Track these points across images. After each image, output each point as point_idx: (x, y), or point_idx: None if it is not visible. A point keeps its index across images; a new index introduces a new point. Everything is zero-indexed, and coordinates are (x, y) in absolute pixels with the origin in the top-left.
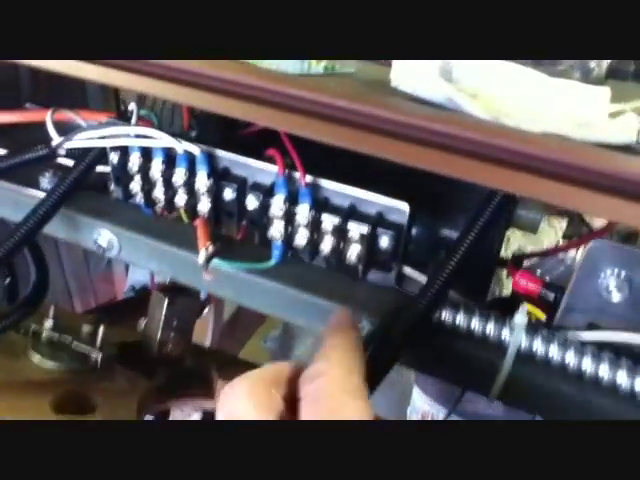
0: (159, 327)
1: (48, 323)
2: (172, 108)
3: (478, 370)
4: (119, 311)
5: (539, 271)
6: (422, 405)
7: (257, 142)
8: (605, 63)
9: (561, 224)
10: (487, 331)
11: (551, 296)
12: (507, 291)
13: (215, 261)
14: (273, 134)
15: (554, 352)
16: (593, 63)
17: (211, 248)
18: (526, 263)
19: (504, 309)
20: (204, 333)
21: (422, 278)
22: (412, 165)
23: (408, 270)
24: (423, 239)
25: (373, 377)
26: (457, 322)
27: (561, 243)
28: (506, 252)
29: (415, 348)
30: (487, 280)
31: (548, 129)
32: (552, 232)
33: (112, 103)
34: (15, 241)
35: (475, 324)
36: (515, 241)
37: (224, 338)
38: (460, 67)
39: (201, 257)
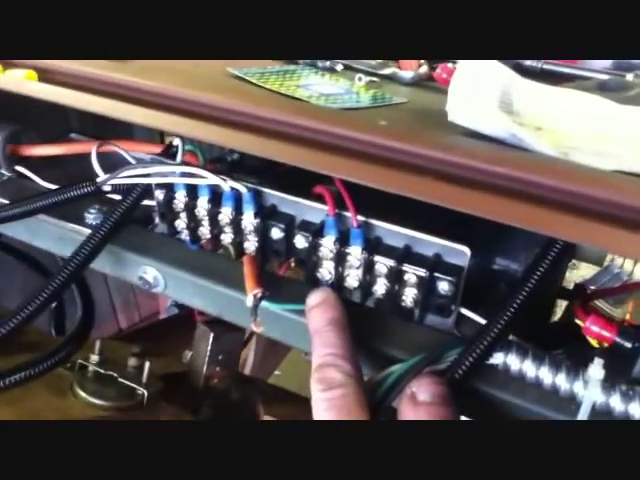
0: (205, 362)
1: (94, 358)
2: None
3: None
4: (163, 331)
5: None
6: None
7: (304, 175)
8: None
9: None
10: (558, 383)
11: (629, 345)
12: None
13: (264, 303)
14: None
15: (635, 410)
16: None
17: (259, 294)
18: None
19: (562, 337)
20: (245, 358)
21: (482, 320)
22: (477, 214)
23: (468, 313)
24: (479, 274)
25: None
26: (524, 370)
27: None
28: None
29: (475, 396)
30: (548, 313)
31: (621, 167)
32: None
33: (157, 132)
34: (63, 279)
35: (544, 374)
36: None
37: (264, 357)
38: (521, 98)
39: (249, 302)
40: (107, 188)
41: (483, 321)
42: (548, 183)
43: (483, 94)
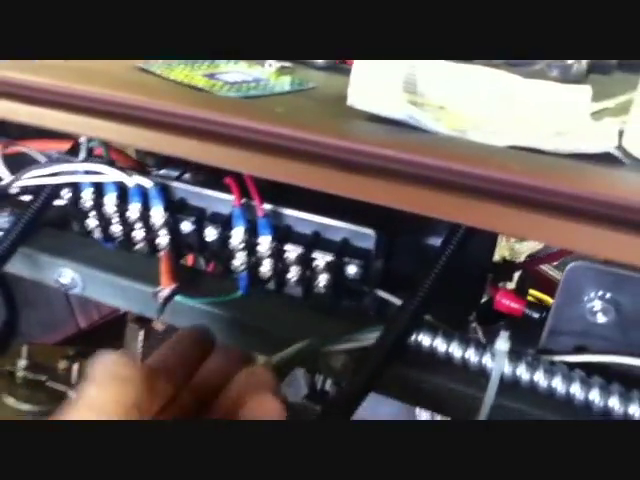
0: (138, 359)
1: (22, 363)
2: None
3: (460, 399)
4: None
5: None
6: (424, 415)
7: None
8: None
9: None
10: (467, 357)
11: (536, 316)
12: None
13: (179, 297)
14: None
15: (540, 378)
16: (572, 59)
17: (166, 292)
18: (530, 251)
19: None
20: None
21: (399, 301)
22: (367, 200)
23: (383, 294)
24: (408, 255)
25: (349, 405)
26: (435, 347)
27: None
28: (507, 243)
29: (391, 377)
30: (479, 289)
31: (516, 142)
32: None
33: None
34: None
35: (454, 349)
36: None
37: None
38: (425, 77)
39: (159, 299)
40: (15, 190)
41: (396, 301)
42: (435, 164)
43: (386, 76)
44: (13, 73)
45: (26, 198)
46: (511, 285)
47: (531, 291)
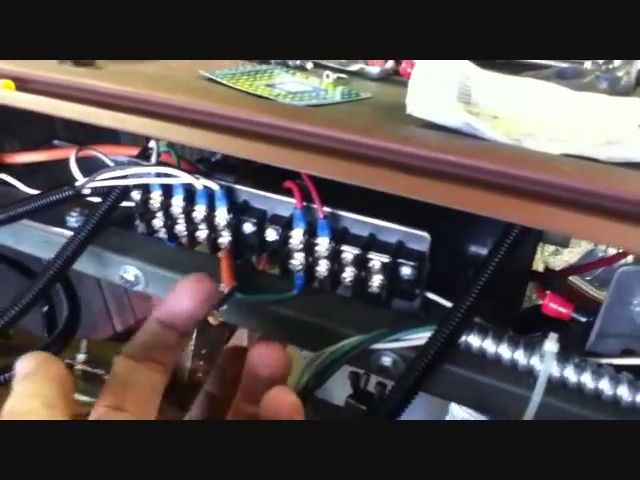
0: (189, 356)
1: (81, 357)
2: None
3: (507, 399)
4: None
5: (588, 277)
6: (462, 414)
7: (277, 172)
8: (634, 70)
9: None
10: (516, 358)
11: (584, 320)
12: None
13: (238, 295)
14: None
15: (587, 380)
16: (621, 72)
17: (227, 289)
18: (565, 264)
19: (534, 323)
20: None
21: (447, 304)
22: (427, 200)
23: (433, 296)
24: (450, 260)
25: (398, 406)
26: (484, 348)
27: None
28: (542, 256)
29: (440, 376)
30: (519, 296)
31: (571, 151)
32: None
33: (142, 137)
34: (46, 280)
35: (503, 350)
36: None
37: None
38: (479, 88)
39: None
40: (87, 191)
41: (448, 304)
42: (493, 168)
43: (442, 86)
44: (95, 81)
45: (95, 200)
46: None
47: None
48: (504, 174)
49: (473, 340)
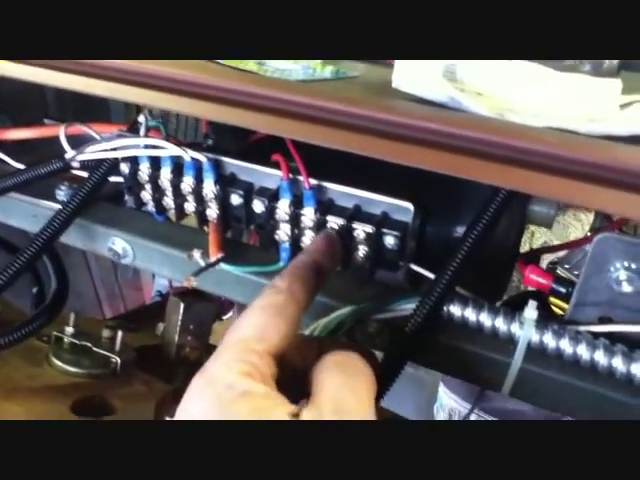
0: (176, 331)
1: (69, 330)
2: (186, 117)
3: (488, 366)
4: (144, 316)
5: (567, 265)
6: (448, 402)
7: (266, 147)
8: None
9: (588, 217)
10: (497, 326)
11: (563, 290)
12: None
13: (224, 266)
14: (279, 139)
15: (565, 346)
16: None
17: (221, 255)
18: (552, 257)
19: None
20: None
21: (432, 275)
22: (413, 165)
23: (417, 268)
24: (439, 238)
25: (388, 376)
26: (466, 317)
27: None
28: (531, 246)
29: (425, 346)
30: (506, 275)
31: (553, 124)
32: (579, 226)
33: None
34: (33, 250)
35: (484, 319)
36: (542, 236)
37: None
38: (464, 66)
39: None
40: (76, 164)
41: (432, 276)
42: (476, 136)
43: (428, 63)
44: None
45: (83, 174)
46: None
47: (558, 270)
48: (487, 142)
49: (455, 310)
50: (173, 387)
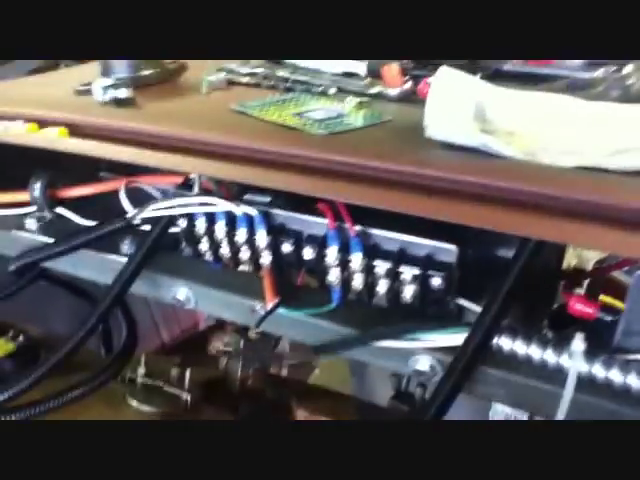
0: (239, 365)
1: (141, 370)
2: None
3: (540, 396)
4: (201, 343)
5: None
6: (504, 408)
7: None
8: None
9: None
10: (545, 358)
11: (608, 318)
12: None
13: (281, 310)
14: None
15: (615, 376)
16: (631, 79)
17: (270, 305)
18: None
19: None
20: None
21: (477, 308)
22: (447, 220)
23: (464, 302)
24: (479, 267)
25: (440, 409)
26: (515, 349)
27: None
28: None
29: (477, 376)
30: (551, 294)
31: (582, 162)
32: None
33: None
34: (107, 303)
35: (533, 351)
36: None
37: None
38: (494, 105)
39: (260, 310)
40: (137, 221)
41: (478, 308)
42: (510, 186)
43: (457, 106)
44: (136, 124)
45: (144, 228)
46: (581, 290)
47: (602, 296)
48: (520, 192)
49: (504, 342)
50: (239, 419)
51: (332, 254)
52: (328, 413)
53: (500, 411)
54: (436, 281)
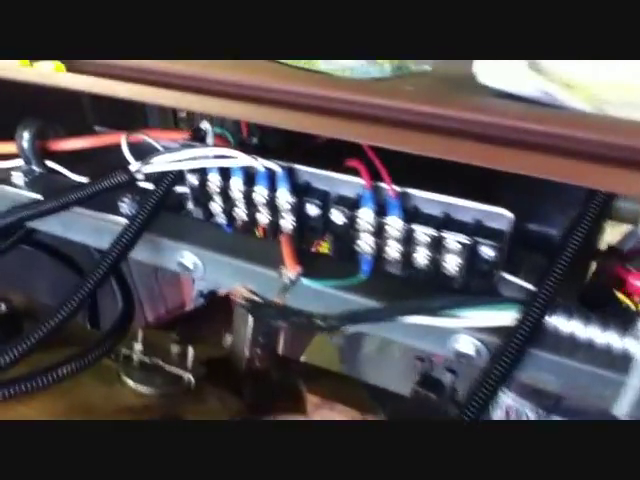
0: (246, 344)
1: (138, 347)
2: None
3: (600, 384)
4: (196, 323)
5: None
6: (505, 400)
7: (328, 151)
8: None
9: None
10: (607, 340)
11: None
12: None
13: (305, 281)
14: (347, 143)
15: None
16: None
17: (296, 273)
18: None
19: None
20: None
21: (523, 284)
22: (509, 171)
23: (510, 277)
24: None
25: (490, 392)
26: (573, 330)
27: None
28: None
29: (529, 361)
30: (583, 275)
31: None
32: None
33: (170, 120)
34: (104, 270)
35: (593, 332)
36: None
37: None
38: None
39: (286, 279)
40: (140, 177)
41: (526, 285)
42: (580, 136)
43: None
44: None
45: (146, 186)
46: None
47: None
48: (592, 142)
49: (559, 322)
50: (245, 401)
51: (366, 217)
52: (336, 394)
53: (501, 402)
54: (487, 251)
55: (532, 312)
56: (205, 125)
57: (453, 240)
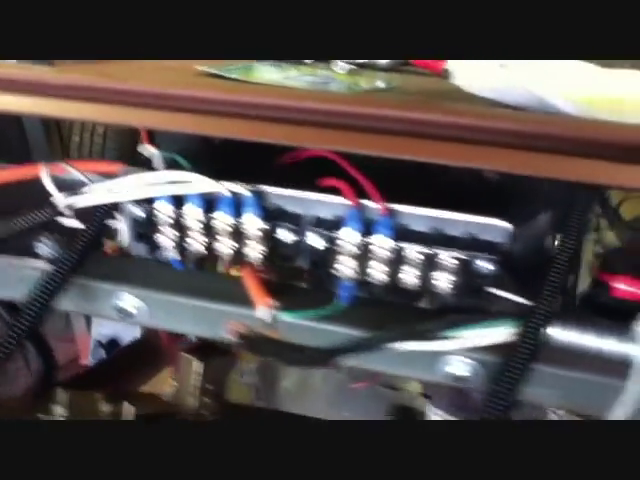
0: (195, 395)
1: (59, 410)
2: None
3: (599, 392)
4: (117, 376)
5: None
6: (432, 417)
7: (294, 172)
8: None
9: None
10: (604, 346)
11: None
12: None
13: (280, 314)
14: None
15: None
16: None
17: (273, 303)
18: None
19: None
20: None
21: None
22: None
23: (507, 295)
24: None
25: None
26: (569, 340)
27: None
28: None
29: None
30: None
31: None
32: None
33: (58, 152)
34: (24, 326)
35: (589, 340)
36: None
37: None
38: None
39: (266, 315)
40: (68, 212)
41: (520, 300)
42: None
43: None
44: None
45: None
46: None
47: None
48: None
49: (556, 332)
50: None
51: (349, 239)
52: None
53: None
54: (486, 266)
55: (532, 325)
56: (149, 149)
57: (449, 257)
